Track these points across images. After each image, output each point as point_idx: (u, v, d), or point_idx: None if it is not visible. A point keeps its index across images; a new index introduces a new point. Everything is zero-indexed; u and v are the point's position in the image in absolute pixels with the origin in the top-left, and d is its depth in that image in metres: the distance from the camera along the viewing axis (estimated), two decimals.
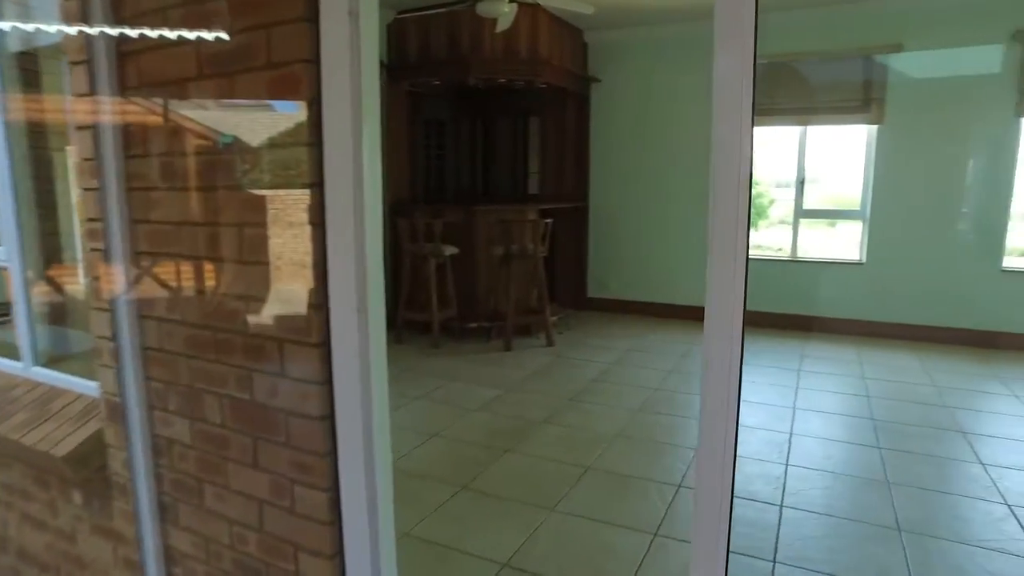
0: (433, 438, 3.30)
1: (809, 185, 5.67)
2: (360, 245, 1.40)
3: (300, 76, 1.34)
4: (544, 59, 5.24)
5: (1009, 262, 5.09)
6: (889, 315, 5.36)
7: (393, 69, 5.40)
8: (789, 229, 5.93)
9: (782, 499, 2.69)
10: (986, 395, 4.04)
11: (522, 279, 5.19)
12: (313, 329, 1.41)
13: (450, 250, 5.01)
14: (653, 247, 6.09)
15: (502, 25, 4.56)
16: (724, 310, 1.16)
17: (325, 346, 1.41)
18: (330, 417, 1.43)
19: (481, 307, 5.31)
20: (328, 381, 1.42)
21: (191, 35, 1.46)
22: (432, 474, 2.90)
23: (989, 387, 4.17)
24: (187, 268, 1.59)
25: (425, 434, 3.34)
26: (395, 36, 5.45)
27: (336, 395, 1.42)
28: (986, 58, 4.91)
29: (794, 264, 5.69)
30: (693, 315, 5.91)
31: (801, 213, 5.69)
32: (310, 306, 1.41)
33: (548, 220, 5.03)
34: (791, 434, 3.40)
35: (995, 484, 2.83)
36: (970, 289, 5.12)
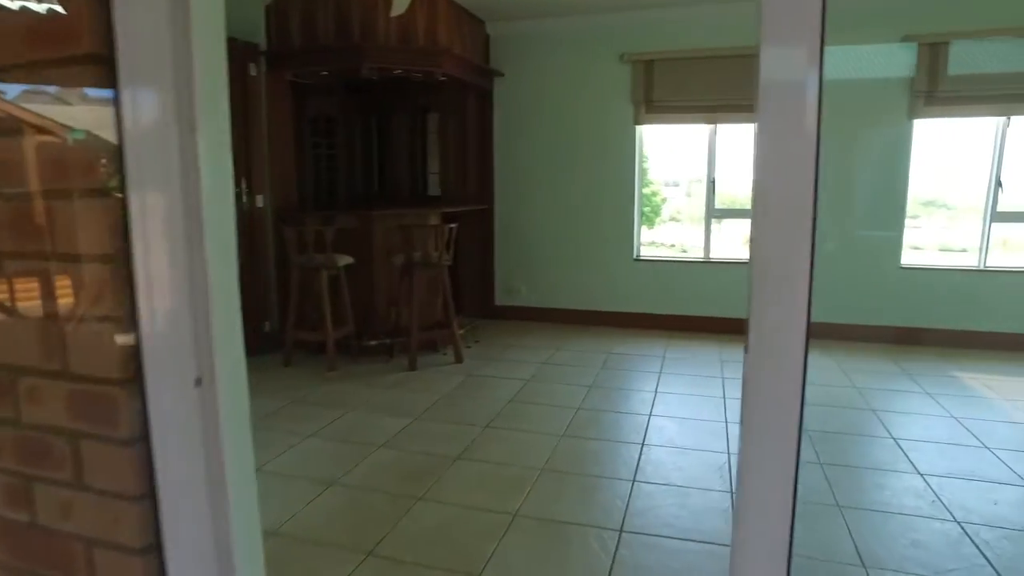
0: (330, 488, 2.78)
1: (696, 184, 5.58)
2: (197, 280, 0.92)
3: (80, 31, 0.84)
4: (444, 49, 4.80)
5: (907, 259, 5.19)
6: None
7: (273, 57, 4.77)
8: (684, 227, 5.87)
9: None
10: (904, 394, 4.01)
11: (426, 290, 4.73)
12: (122, 417, 0.91)
13: (344, 260, 4.47)
14: (563, 250, 5.79)
15: (397, 9, 4.09)
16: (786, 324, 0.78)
17: (142, 442, 0.92)
18: (155, 549, 0.94)
19: (381, 322, 4.80)
20: (149, 495, 0.93)
21: None
22: (329, 538, 2.40)
23: (904, 385, 4.15)
24: None
25: (320, 483, 2.81)
26: (275, 19, 4.82)
27: (163, 516, 0.93)
28: (880, 60, 4.96)
29: (707, 266, 5.57)
30: (607, 321, 5.67)
31: (713, 212, 5.58)
32: (115, 381, 0.91)
33: (452, 225, 4.59)
34: (729, 454, 3.17)
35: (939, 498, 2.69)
36: (873, 286, 5.17)
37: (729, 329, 5.45)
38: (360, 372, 4.42)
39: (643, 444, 3.21)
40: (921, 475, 2.91)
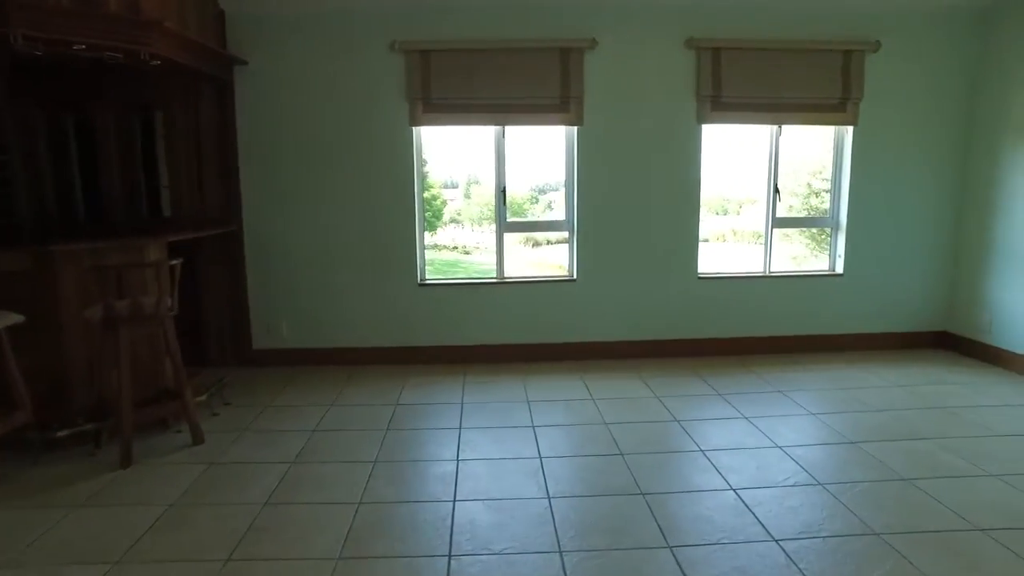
0: None
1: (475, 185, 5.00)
2: None
3: None
4: (151, 21, 3.55)
5: (703, 268, 5.06)
6: (603, 334, 4.96)
7: None
8: (464, 230, 5.30)
9: None
10: (707, 407, 3.72)
11: (144, 351, 3.48)
12: None
13: (7, 319, 3.07)
14: (333, 277, 4.80)
15: None
16: None
17: None
18: None
19: (78, 401, 3.45)
20: None
21: None
22: None
23: (716, 406, 3.88)
24: None
25: None
26: None
27: None
28: (669, 64, 4.72)
29: (501, 287, 4.95)
30: (392, 358, 4.82)
31: (505, 227, 4.97)
32: None
33: (176, 261, 3.41)
34: (550, 497, 2.53)
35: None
36: (673, 299, 4.96)
37: (531, 356, 4.91)
38: (44, 480, 3.06)
39: (450, 555, 2.42)
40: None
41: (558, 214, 5.03)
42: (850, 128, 4.91)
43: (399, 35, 4.54)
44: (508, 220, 4.96)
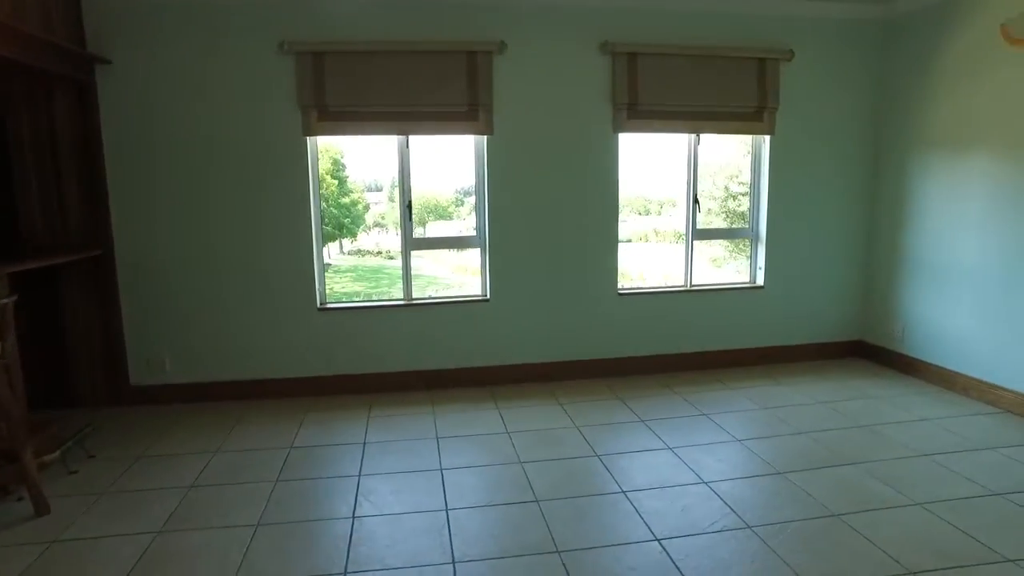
0: None
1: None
2: None
3: None
4: None
5: (624, 281, 4.85)
6: (520, 355, 4.66)
7: None
8: (390, 234, 4.96)
9: None
10: (630, 436, 3.48)
11: None
12: None
13: None
14: (220, 302, 4.31)
15: None
16: None
17: None
18: None
19: None
20: None
21: None
22: None
23: (639, 435, 3.64)
24: None
25: None
26: None
27: None
28: (584, 70, 4.47)
29: (408, 309, 4.57)
30: (290, 391, 4.37)
31: (412, 244, 4.60)
32: None
33: (7, 300, 2.87)
34: (455, 561, 2.18)
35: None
36: (592, 317, 4.72)
37: (443, 383, 4.56)
38: None
39: None
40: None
41: (469, 229, 4.70)
42: (767, 137, 4.81)
43: (289, 34, 4.10)
44: (415, 237, 4.59)
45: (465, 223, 4.90)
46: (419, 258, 4.81)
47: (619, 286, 4.79)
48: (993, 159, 4.09)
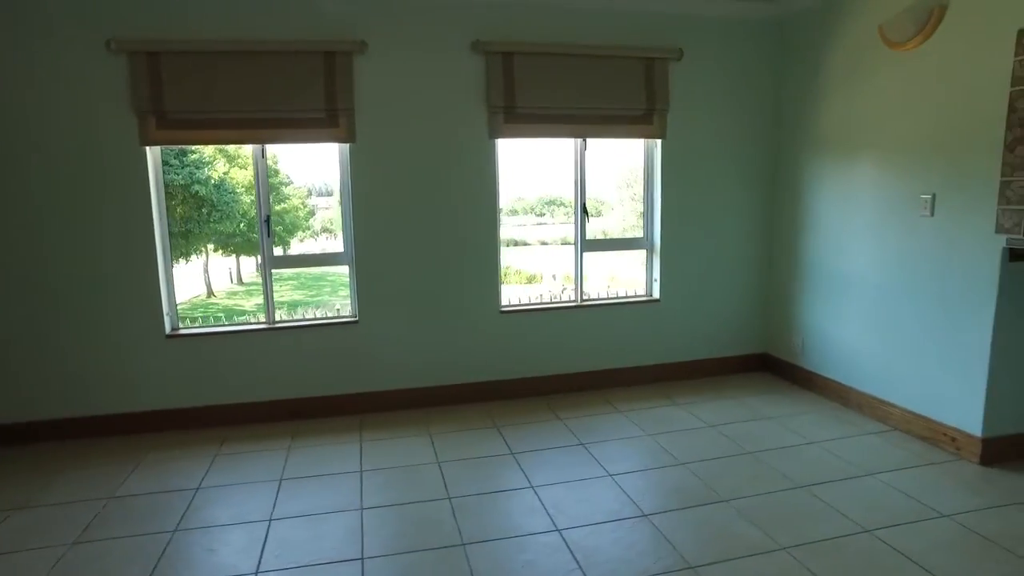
0: None
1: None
2: None
3: None
4: None
5: (505, 301, 4.54)
6: (394, 381, 4.31)
7: None
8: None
9: None
10: (493, 475, 3.16)
11: None
12: None
13: None
14: (48, 328, 3.85)
15: None
16: None
17: None
18: None
19: None
20: None
21: None
22: None
23: (503, 473, 3.32)
24: None
25: None
26: None
27: None
28: (455, 71, 4.14)
29: (269, 334, 4.18)
30: (137, 426, 3.94)
31: (272, 263, 4.20)
32: None
33: None
34: None
35: None
36: (473, 337, 4.39)
37: (309, 412, 4.18)
38: None
39: None
40: None
41: (337, 245, 4.33)
42: (659, 141, 4.55)
43: (117, 30, 3.66)
44: (276, 256, 4.19)
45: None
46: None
47: (503, 303, 4.47)
48: (875, 164, 3.89)
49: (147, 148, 3.84)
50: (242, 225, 9.66)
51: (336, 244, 4.70)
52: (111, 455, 3.70)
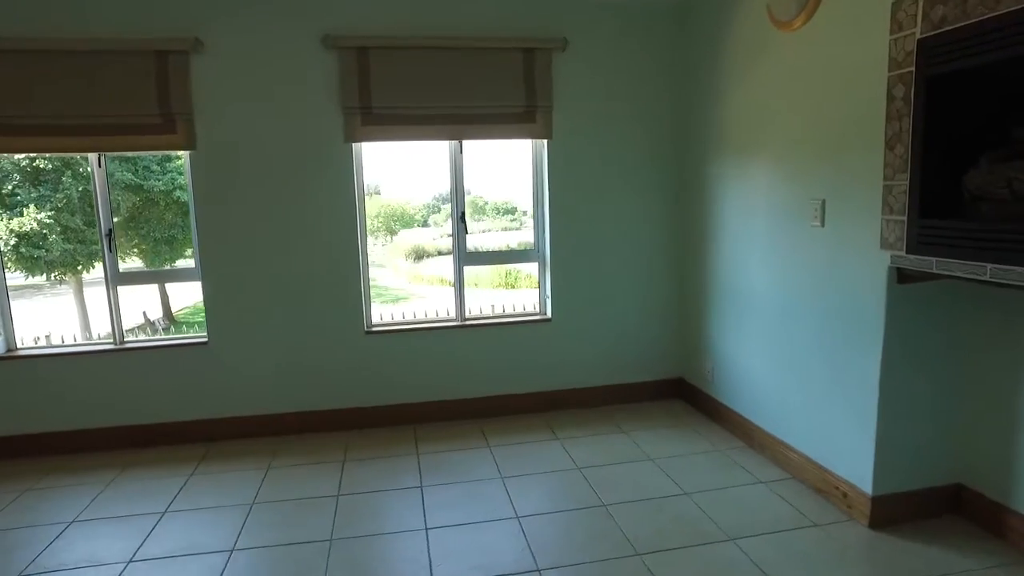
0: None
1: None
2: None
3: None
4: None
5: (375, 318, 4.15)
6: (243, 407, 3.97)
7: None
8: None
9: None
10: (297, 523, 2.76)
11: None
12: None
13: None
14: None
15: None
16: None
17: None
18: None
19: None
20: None
21: None
22: None
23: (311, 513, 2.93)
24: None
25: None
26: None
27: None
28: (305, 69, 3.76)
29: (118, 354, 3.90)
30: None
31: (118, 280, 3.92)
32: None
33: None
34: None
35: None
36: (334, 359, 4.01)
37: (145, 440, 3.88)
38: None
39: None
40: None
41: (188, 260, 4.02)
42: (546, 142, 4.06)
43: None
44: (121, 272, 3.91)
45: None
46: None
47: (368, 322, 4.08)
48: (770, 164, 3.32)
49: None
50: None
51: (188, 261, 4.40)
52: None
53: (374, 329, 4.07)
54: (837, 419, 2.92)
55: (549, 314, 4.23)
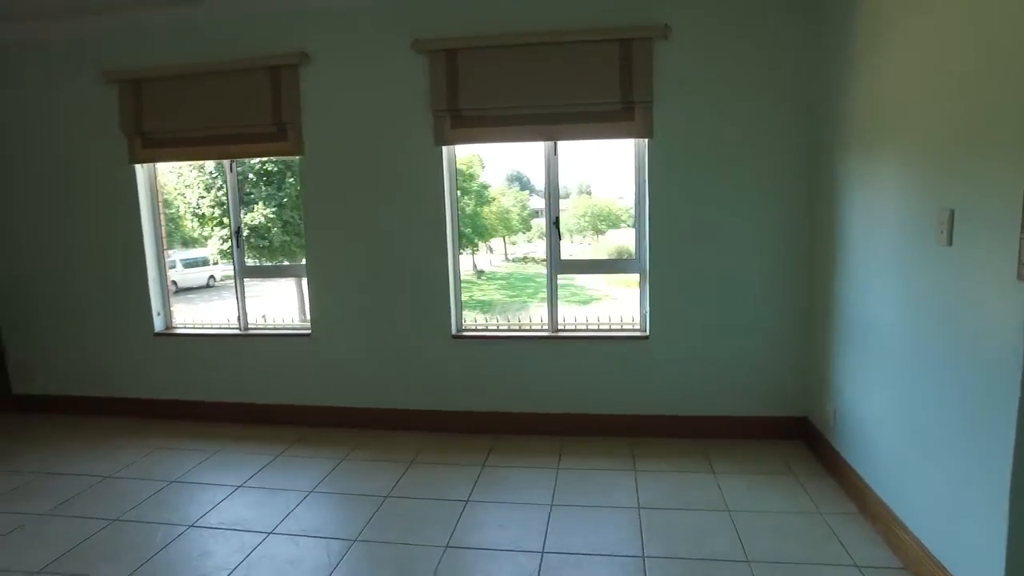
0: None
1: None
2: None
3: None
4: None
5: (459, 324, 4.10)
6: (339, 398, 4.17)
7: None
8: None
9: None
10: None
11: None
12: None
13: None
14: (88, 322, 4.51)
15: None
16: None
17: None
18: None
19: None
20: None
21: None
22: None
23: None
24: None
25: None
26: None
27: None
28: (397, 74, 3.83)
29: (244, 339, 4.35)
30: (130, 410, 4.42)
31: (245, 271, 4.37)
32: None
33: None
34: None
35: None
36: (419, 362, 4.04)
37: (262, 417, 4.26)
38: None
39: None
40: None
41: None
42: (647, 141, 3.67)
43: (109, 63, 4.13)
44: (247, 266, 4.35)
45: None
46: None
47: (458, 326, 4.04)
48: (895, 164, 2.61)
49: (137, 166, 4.26)
50: None
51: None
52: (107, 434, 4.20)
53: (463, 334, 4.02)
54: (963, 495, 2.20)
55: (647, 330, 3.82)
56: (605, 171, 4.35)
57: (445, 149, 3.87)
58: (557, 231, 3.90)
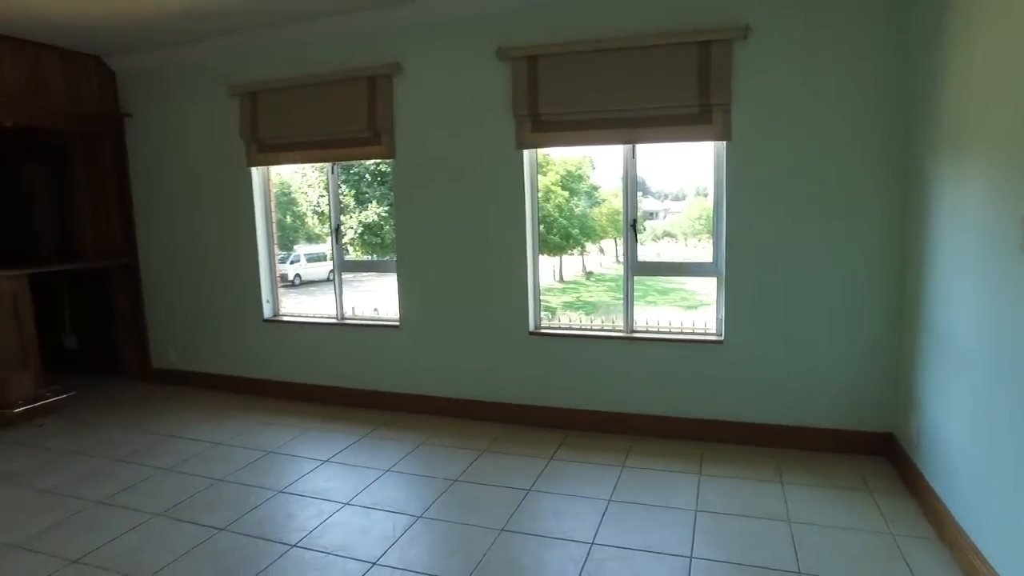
0: None
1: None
2: None
3: None
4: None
5: (536, 322, 4.22)
6: (429, 387, 4.44)
7: None
8: None
9: None
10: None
11: None
12: None
13: None
14: (210, 307, 5.10)
15: None
16: None
17: None
18: None
19: None
20: None
21: None
22: None
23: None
24: None
25: None
26: None
27: None
28: (481, 81, 4.03)
29: (342, 328, 4.73)
30: (242, 388, 4.94)
31: (344, 266, 4.75)
32: None
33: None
34: None
35: None
36: (499, 356, 4.23)
37: (366, 403, 4.61)
38: None
39: None
40: None
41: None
42: (724, 145, 3.63)
43: (237, 79, 4.64)
44: (345, 260, 4.72)
45: None
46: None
47: (536, 323, 4.18)
48: (989, 164, 2.45)
49: (252, 168, 4.76)
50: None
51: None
52: (228, 407, 4.73)
53: (541, 331, 4.15)
54: None
55: (722, 335, 3.77)
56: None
57: (526, 152, 4.02)
58: (634, 233, 3.94)
